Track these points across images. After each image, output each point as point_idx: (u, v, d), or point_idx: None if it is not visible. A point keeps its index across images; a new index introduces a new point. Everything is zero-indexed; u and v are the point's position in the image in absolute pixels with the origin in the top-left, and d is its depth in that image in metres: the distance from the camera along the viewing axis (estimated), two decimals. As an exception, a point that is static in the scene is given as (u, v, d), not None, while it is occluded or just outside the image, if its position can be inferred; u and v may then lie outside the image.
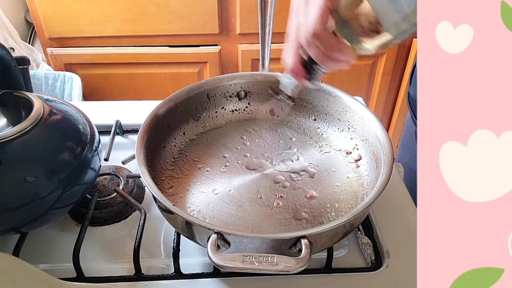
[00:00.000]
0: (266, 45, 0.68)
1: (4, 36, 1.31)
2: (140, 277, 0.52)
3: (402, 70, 1.50)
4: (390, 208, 0.61)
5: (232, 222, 0.54)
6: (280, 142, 0.67)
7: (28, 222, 0.51)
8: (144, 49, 1.40)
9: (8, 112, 0.54)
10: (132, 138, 0.75)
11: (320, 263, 0.53)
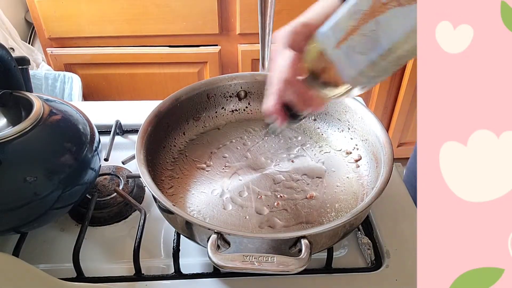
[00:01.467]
0: (266, 45, 0.68)
1: (4, 36, 1.32)
2: (140, 277, 0.52)
3: (402, 70, 1.50)
4: (390, 208, 0.61)
5: (232, 222, 0.54)
6: (280, 142, 0.67)
7: (28, 222, 0.50)
8: (144, 49, 1.40)
9: (8, 112, 0.54)
10: (132, 138, 0.75)
11: (320, 263, 0.53)
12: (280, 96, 0.45)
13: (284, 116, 0.47)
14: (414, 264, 0.53)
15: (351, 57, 0.38)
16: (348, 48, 0.38)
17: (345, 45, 0.38)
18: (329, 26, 0.39)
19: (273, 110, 0.46)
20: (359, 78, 0.38)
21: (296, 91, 0.43)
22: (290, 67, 0.42)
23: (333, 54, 0.39)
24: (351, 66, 0.38)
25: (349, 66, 0.38)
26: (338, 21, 0.38)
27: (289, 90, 0.43)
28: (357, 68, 0.38)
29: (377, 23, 0.35)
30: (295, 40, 0.42)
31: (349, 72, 0.39)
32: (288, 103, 0.46)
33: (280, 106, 0.46)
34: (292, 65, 0.42)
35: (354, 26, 0.36)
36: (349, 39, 0.37)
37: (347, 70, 0.39)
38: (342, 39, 0.38)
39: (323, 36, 0.40)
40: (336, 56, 0.39)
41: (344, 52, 0.38)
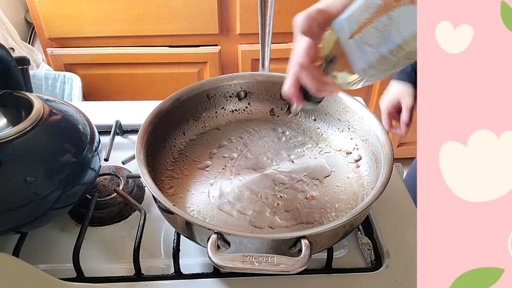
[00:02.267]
0: (266, 45, 0.68)
1: (4, 36, 1.31)
2: (140, 277, 0.52)
3: (402, 70, 1.50)
4: (390, 208, 0.61)
5: (232, 222, 0.54)
6: (280, 142, 0.67)
7: (28, 222, 0.50)
8: (144, 49, 1.40)
9: (8, 112, 0.54)
10: (132, 138, 0.75)
11: (320, 263, 0.53)
12: (296, 79, 0.46)
13: (300, 98, 0.48)
14: (414, 264, 0.53)
15: (362, 49, 0.38)
16: (361, 40, 0.38)
17: (358, 36, 0.38)
18: (345, 16, 0.39)
19: (289, 93, 0.48)
20: (369, 70, 0.39)
21: (311, 75, 0.44)
22: (306, 52, 0.43)
23: (346, 44, 0.39)
24: (361, 58, 0.38)
25: (360, 57, 0.38)
26: (353, 12, 0.38)
27: (304, 74, 0.45)
28: (367, 60, 0.38)
29: (389, 18, 0.35)
30: (310, 26, 0.43)
31: (359, 63, 0.39)
32: (304, 86, 0.47)
33: (296, 88, 0.47)
34: (308, 50, 0.43)
35: (368, 19, 0.37)
36: (362, 32, 0.37)
37: (358, 61, 0.39)
38: (356, 31, 0.38)
39: (339, 25, 0.40)
40: (348, 46, 0.39)
41: (356, 43, 0.38)
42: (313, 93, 0.47)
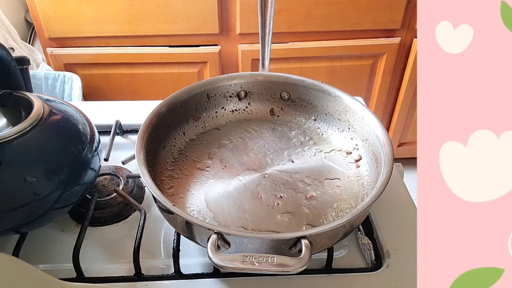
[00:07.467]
0: (266, 45, 0.68)
1: (4, 36, 1.31)
2: (140, 277, 0.52)
3: (402, 70, 1.50)
4: (390, 208, 0.61)
5: (232, 222, 0.54)
6: (280, 142, 0.67)
7: (28, 222, 0.50)
8: (144, 49, 1.40)
9: (8, 112, 0.54)
10: (132, 138, 0.75)
11: (320, 263, 0.53)
12: None
13: None
14: (414, 264, 0.53)
15: None
16: None
17: None
18: None
19: None
20: None
21: None
22: None
23: None
24: None
25: None
26: None
27: None
28: None
29: None
30: None
31: None
32: None
33: None
34: None
35: None
36: None
37: None
38: None
39: None
40: None
41: None
42: None
